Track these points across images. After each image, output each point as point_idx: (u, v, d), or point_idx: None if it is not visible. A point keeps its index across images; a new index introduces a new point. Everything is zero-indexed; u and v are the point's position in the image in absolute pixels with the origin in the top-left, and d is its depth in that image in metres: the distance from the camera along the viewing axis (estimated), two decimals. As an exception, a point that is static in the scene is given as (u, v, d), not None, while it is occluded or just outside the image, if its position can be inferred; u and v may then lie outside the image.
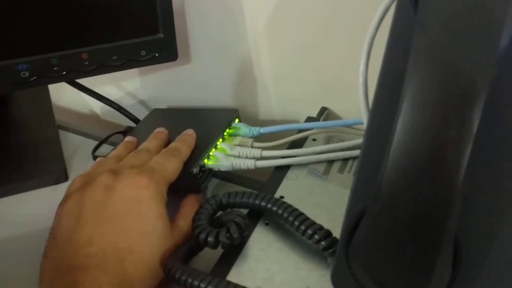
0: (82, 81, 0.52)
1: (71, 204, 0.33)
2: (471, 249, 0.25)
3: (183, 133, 0.43)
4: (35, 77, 0.43)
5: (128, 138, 0.45)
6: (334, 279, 0.28)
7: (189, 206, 0.38)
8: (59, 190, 0.38)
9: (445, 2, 0.23)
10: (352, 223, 0.26)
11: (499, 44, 0.22)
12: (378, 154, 0.24)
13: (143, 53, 0.47)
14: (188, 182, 0.40)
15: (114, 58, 0.46)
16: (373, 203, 0.24)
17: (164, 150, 0.40)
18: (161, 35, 0.47)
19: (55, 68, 0.43)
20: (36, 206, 0.43)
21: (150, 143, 0.42)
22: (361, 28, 0.36)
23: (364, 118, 0.30)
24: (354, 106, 0.47)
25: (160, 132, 0.44)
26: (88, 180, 0.35)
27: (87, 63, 0.45)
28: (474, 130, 0.22)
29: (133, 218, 0.32)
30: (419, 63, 0.23)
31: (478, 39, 0.22)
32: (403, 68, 0.23)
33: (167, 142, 0.43)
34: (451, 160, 0.22)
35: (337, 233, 0.31)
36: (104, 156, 0.43)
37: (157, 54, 0.47)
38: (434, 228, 0.23)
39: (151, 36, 0.47)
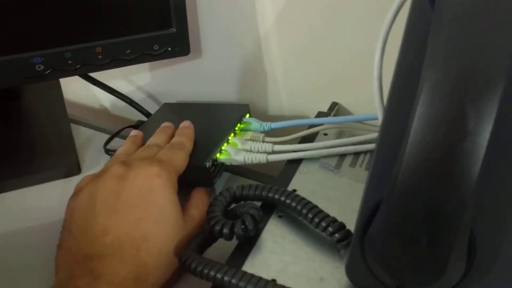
0: (94, 75, 0.52)
1: (84, 196, 0.34)
2: (485, 240, 0.25)
3: (181, 126, 0.44)
4: (49, 70, 0.43)
5: (134, 132, 0.44)
6: (349, 271, 0.28)
7: (200, 197, 0.38)
8: (72, 183, 0.38)
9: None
10: (367, 216, 0.27)
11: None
12: (394, 148, 0.24)
13: (156, 47, 0.47)
14: (200, 176, 0.40)
15: (127, 52, 0.46)
16: (389, 196, 0.24)
17: (168, 145, 0.40)
18: (174, 29, 0.47)
19: (69, 62, 0.44)
20: (49, 198, 0.43)
21: (158, 137, 0.42)
22: (371, 23, 0.36)
23: (378, 112, 0.30)
24: (365, 101, 0.47)
25: (167, 126, 0.44)
26: (99, 173, 0.35)
27: (100, 57, 0.45)
28: (491, 123, 0.22)
29: (147, 207, 0.32)
30: (436, 57, 0.23)
31: (495, 34, 0.22)
32: (419, 62, 0.24)
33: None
34: (468, 154, 0.22)
35: (349, 226, 0.31)
36: (115, 151, 0.43)
37: (169, 49, 0.48)
38: (450, 221, 0.23)
39: (164, 30, 0.47)
